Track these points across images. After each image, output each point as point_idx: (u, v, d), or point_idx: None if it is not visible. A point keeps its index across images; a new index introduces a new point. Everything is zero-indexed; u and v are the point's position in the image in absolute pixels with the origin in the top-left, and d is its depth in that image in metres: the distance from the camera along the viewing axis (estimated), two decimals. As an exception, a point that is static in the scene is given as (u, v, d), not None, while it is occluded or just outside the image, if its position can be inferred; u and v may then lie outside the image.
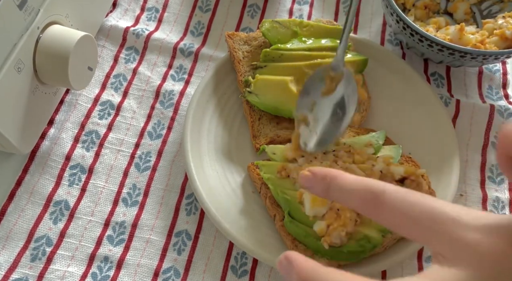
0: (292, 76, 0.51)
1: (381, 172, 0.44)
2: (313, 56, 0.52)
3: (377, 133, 0.51)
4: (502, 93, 0.58)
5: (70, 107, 0.53)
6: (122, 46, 0.58)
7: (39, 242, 0.46)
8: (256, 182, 0.48)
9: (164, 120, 0.54)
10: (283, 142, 0.50)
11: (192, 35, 0.61)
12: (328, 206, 0.42)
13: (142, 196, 0.49)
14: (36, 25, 0.42)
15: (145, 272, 0.45)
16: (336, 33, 0.54)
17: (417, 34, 0.51)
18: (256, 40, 0.55)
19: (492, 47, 0.52)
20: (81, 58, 0.45)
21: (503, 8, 0.58)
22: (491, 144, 0.54)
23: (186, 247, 0.47)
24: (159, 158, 0.52)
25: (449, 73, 0.59)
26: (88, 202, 0.48)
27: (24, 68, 0.42)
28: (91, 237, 0.47)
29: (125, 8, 0.62)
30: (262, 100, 0.50)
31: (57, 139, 0.51)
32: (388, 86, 0.56)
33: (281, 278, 0.46)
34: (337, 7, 0.65)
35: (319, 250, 0.41)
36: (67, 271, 0.45)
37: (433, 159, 0.50)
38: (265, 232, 0.46)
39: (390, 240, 0.43)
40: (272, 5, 0.64)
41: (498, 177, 0.52)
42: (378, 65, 0.56)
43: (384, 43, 0.61)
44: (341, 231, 0.40)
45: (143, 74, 0.57)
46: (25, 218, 0.46)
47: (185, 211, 0.49)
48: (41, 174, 0.49)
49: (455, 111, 0.55)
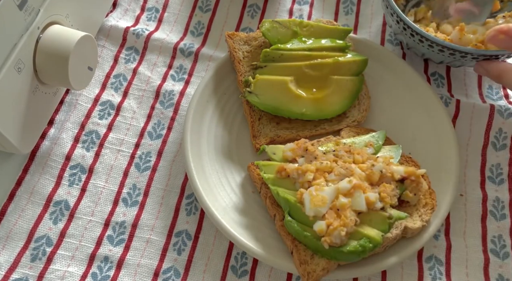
0: (292, 76, 0.51)
1: (381, 172, 0.44)
2: (313, 56, 0.52)
3: (377, 133, 0.51)
4: (502, 93, 0.58)
5: (70, 107, 0.53)
6: (122, 46, 0.58)
7: (39, 242, 0.46)
8: (256, 182, 0.48)
9: (164, 120, 0.54)
10: (283, 142, 0.50)
11: (192, 35, 0.61)
12: (328, 206, 0.42)
13: (142, 196, 0.49)
14: (36, 25, 0.42)
15: (145, 272, 0.45)
16: (336, 33, 0.54)
17: (417, 34, 0.51)
18: (256, 40, 0.55)
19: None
20: (81, 58, 0.45)
21: (503, 8, 0.58)
22: (491, 144, 0.54)
23: (186, 247, 0.47)
24: (159, 158, 0.52)
25: (449, 73, 0.59)
26: (88, 202, 0.48)
27: (24, 68, 0.42)
28: (91, 237, 0.47)
29: (125, 8, 0.62)
30: (262, 100, 0.50)
31: (57, 139, 0.51)
32: (388, 86, 0.56)
33: (281, 278, 0.46)
34: (337, 7, 0.65)
35: (319, 250, 0.42)
36: (67, 271, 0.45)
37: (433, 159, 0.50)
38: (265, 232, 0.46)
39: (390, 240, 0.43)
40: (272, 5, 0.64)
41: (498, 177, 0.52)
42: (378, 65, 0.56)
43: (384, 43, 0.61)
44: (341, 231, 0.40)
45: (143, 74, 0.57)
46: (25, 218, 0.46)
47: (185, 211, 0.49)
48: (41, 174, 0.49)
49: (455, 111, 0.55)
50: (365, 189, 0.43)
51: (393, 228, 0.43)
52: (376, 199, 0.42)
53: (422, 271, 0.47)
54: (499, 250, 0.48)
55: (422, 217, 0.45)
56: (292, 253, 0.43)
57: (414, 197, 0.45)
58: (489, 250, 0.48)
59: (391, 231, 0.43)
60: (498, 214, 0.50)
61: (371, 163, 0.45)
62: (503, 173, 0.52)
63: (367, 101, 0.54)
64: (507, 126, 0.54)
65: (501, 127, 0.54)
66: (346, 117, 0.53)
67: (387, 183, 0.44)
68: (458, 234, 0.49)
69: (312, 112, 0.51)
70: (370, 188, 0.43)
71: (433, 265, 0.47)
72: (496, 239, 0.49)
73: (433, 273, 0.47)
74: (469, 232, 0.49)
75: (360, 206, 0.42)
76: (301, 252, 0.42)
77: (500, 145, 0.54)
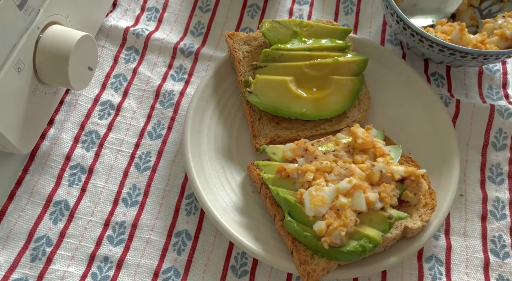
0: (292, 76, 0.51)
1: (381, 172, 0.44)
2: (313, 56, 0.52)
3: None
4: (502, 93, 0.58)
5: (70, 107, 0.53)
6: (122, 46, 0.58)
7: (39, 242, 0.46)
8: (256, 182, 0.48)
9: (164, 120, 0.54)
10: (283, 142, 0.50)
11: (192, 35, 0.61)
12: (328, 206, 0.42)
13: (142, 196, 0.49)
14: (36, 25, 0.42)
15: (145, 272, 0.45)
16: (336, 33, 0.54)
17: (417, 34, 0.51)
18: (256, 40, 0.55)
19: (493, 47, 0.52)
20: (81, 58, 0.45)
21: (502, 8, 0.58)
22: (491, 144, 0.54)
23: (186, 247, 0.47)
24: (159, 158, 0.52)
25: (449, 73, 0.59)
26: (88, 202, 0.48)
27: (24, 68, 0.42)
28: (91, 237, 0.47)
29: (125, 8, 0.62)
30: (262, 100, 0.50)
31: (57, 139, 0.51)
32: (388, 86, 0.56)
33: (281, 278, 0.46)
34: (337, 7, 0.65)
35: (319, 250, 0.42)
36: (67, 271, 0.45)
37: (433, 159, 0.50)
38: (265, 232, 0.46)
39: (390, 240, 0.43)
40: (272, 5, 0.64)
41: (498, 177, 0.52)
42: (378, 65, 0.56)
43: (384, 43, 0.61)
44: (341, 231, 0.40)
45: (143, 74, 0.57)
46: (25, 218, 0.46)
47: (185, 211, 0.49)
48: (41, 174, 0.49)
49: (455, 111, 0.55)
50: (365, 189, 0.43)
51: (393, 228, 0.43)
52: (376, 199, 0.42)
53: (422, 271, 0.47)
54: (499, 250, 0.48)
55: (422, 217, 0.45)
56: (292, 253, 0.43)
57: (414, 197, 0.45)
58: (489, 250, 0.48)
59: (391, 231, 0.43)
60: (498, 214, 0.50)
61: (371, 163, 0.45)
62: (503, 173, 0.52)
63: (367, 101, 0.54)
64: (507, 126, 0.54)
65: (501, 127, 0.54)
66: (346, 117, 0.53)
67: (387, 183, 0.44)
68: (458, 234, 0.49)
69: (312, 112, 0.51)
70: (370, 188, 0.43)
71: (433, 265, 0.47)
72: (496, 239, 0.49)
73: (433, 273, 0.47)
74: (469, 232, 0.49)
75: (360, 206, 0.42)
76: (301, 252, 0.42)
77: (500, 145, 0.54)
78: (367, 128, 0.49)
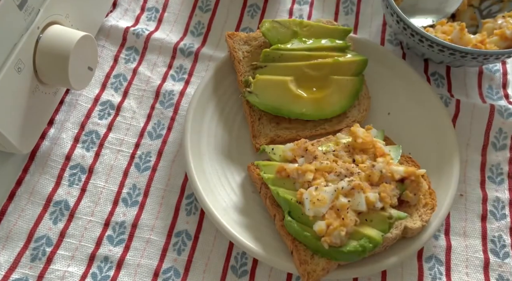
0: (292, 76, 0.51)
1: (381, 172, 0.44)
2: (313, 56, 0.52)
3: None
4: (502, 93, 0.58)
5: (70, 107, 0.53)
6: (122, 46, 0.58)
7: (39, 242, 0.46)
8: (256, 182, 0.48)
9: (164, 120, 0.54)
10: (283, 142, 0.50)
11: (192, 35, 0.61)
12: (328, 206, 0.42)
13: (142, 196, 0.49)
14: (36, 25, 0.42)
15: (145, 272, 0.45)
16: (336, 33, 0.54)
17: (417, 34, 0.51)
18: (256, 40, 0.55)
19: (493, 47, 0.52)
20: (81, 58, 0.45)
21: (502, 8, 0.58)
22: (491, 144, 0.54)
23: (186, 247, 0.47)
24: (159, 158, 0.52)
25: (449, 73, 0.59)
26: (88, 202, 0.48)
27: (24, 68, 0.42)
28: (91, 237, 0.47)
29: (125, 8, 0.62)
30: (262, 100, 0.50)
31: (57, 139, 0.51)
32: (388, 86, 0.56)
33: (281, 278, 0.46)
34: (337, 7, 0.65)
35: (319, 250, 0.42)
36: (67, 271, 0.45)
37: (433, 159, 0.50)
38: (265, 232, 0.46)
39: (390, 240, 0.43)
40: (272, 5, 0.64)
41: (498, 177, 0.52)
42: (378, 65, 0.56)
43: (384, 43, 0.61)
44: (341, 231, 0.40)
45: (143, 74, 0.57)
46: (25, 218, 0.46)
47: (185, 211, 0.49)
48: (41, 174, 0.49)
49: (455, 111, 0.55)
50: (365, 189, 0.43)
51: (393, 228, 0.43)
52: (376, 199, 0.42)
53: (422, 271, 0.47)
54: (499, 250, 0.48)
55: (422, 217, 0.45)
56: (292, 253, 0.43)
57: (414, 197, 0.45)
58: (489, 250, 0.48)
59: (391, 231, 0.43)
60: (498, 214, 0.50)
61: (371, 163, 0.45)
62: (503, 173, 0.52)
63: (367, 101, 0.54)
64: (507, 126, 0.54)
65: (501, 127, 0.54)
66: (346, 117, 0.53)
67: (387, 183, 0.44)
68: (458, 234, 0.49)
69: (312, 112, 0.51)
70: (370, 188, 0.43)
71: (433, 265, 0.47)
72: (496, 239, 0.49)
73: (433, 273, 0.47)
74: (469, 232, 0.49)
75: (360, 206, 0.42)
76: (301, 252, 0.42)
77: (500, 145, 0.54)
78: (367, 128, 0.49)
